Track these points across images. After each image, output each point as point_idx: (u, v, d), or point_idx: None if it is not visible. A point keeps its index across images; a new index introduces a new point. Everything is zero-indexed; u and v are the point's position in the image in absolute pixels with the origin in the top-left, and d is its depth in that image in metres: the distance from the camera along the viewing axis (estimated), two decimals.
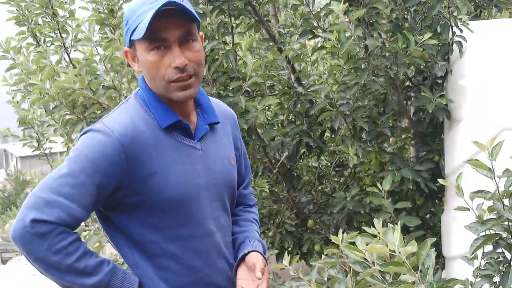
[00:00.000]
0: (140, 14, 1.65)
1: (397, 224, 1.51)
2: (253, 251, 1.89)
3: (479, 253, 1.95)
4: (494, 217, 1.79)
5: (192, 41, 1.71)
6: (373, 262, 1.51)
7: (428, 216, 3.75)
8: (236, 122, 2.05)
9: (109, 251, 3.89)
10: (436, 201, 3.69)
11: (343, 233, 1.82)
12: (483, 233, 1.82)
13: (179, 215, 1.76)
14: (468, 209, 1.97)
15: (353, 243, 1.58)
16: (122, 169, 1.66)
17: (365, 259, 1.52)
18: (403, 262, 1.41)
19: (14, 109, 4.39)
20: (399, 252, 1.42)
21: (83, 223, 3.64)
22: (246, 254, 1.88)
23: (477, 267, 1.97)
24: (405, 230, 3.41)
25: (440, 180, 2.15)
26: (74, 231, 1.66)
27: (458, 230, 3.00)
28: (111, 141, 1.65)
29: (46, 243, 1.57)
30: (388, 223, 1.55)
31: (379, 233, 1.53)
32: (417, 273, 1.41)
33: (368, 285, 1.58)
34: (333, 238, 1.76)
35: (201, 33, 1.78)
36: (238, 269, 1.88)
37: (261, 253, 1.89)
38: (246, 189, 2.13)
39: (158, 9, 1.60)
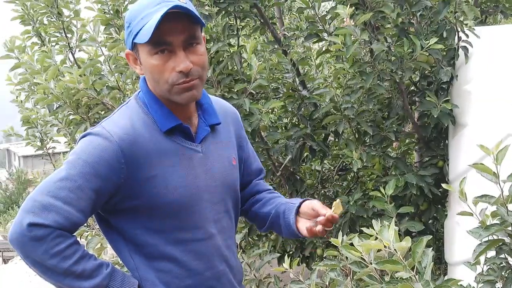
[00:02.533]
0: (144, 17, 1.63)
1: (399, 229, 1.49)
2: (302, 202, 1.87)
3: (482, 258, 1.94)
4: (498, 222, 1.78)
5: (196, 44, 1.68)
6: (371, 262, 1.50)
7: (431, 221, 3.74)
8: (239, 120, 2.03)
9: (110, 252, 3.89)
10: (439, 206, 3.68)
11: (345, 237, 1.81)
12: (486, 239, 1.81)
13: (180, 218, 1.74)
14: (471, 214, 1.95)
15: (352, 245, 1.57)
16: (121, 174, 1.64)
17: (362, 259, 1.51)
18: (400, 260, 1.40)
19: (18, 109, 4.39)
20: (394, 249, 1.41)
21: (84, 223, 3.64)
22: (298, 209, 1.86)
23: (479, 273, 1.96)
24: (407, 235, 3.39)
25: (444, 185, 2.14)
26: (73, 234, 1.65)
27: (461, 236, 2.98)
28: (110, 145, 1.63)
29: (43, 246, 1.56)
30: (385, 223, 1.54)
31: (376, 233, 1.52)
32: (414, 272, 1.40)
33: (366, 285, 1.57)
34: (333, 240, 1.75)
35: (203, 34, 1.76)
36: (298, 225, 1.84)
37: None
38: (262, 180, 2.12)
39: (164, 13, 1.57)
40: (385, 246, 1.42)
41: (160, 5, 1.60)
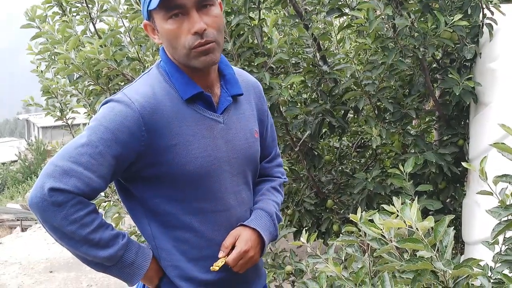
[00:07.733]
0: None
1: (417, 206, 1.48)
2: (240, 225, 1.84)
3: (501, 238, 1.92)
4: None
5: (210, 6, 1.67)
6: (391, 240, 1.48)
7: (449, 200, 3.72)
8: (261, 92, 2.01)
9: (128, 223, 3.91)
10: (458, 185, 3.65)
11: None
12: (505, 218, 1.79)
13: (199, 188, 1.74)
14: (491, 193, 1.93)
15: (371, 221, 1.56)
16: (141, 141, 1.64)
17: (383, 236, 1.50)
18: (421, 239, 1.38)
19: (38, 79, 4.40)
20: (416, 228, 1.39)
21: (102, 194, 3.67)
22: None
23: (497, 252, 1.95)
24: (425, 213, 3.38)
25: (464, 164, 2.11)
26: (92, 201, 1.65)
27: (480, 215, 2.96)
28: (131, 112, 1.63)
29: (63, 212, 1.57)
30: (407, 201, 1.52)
31: (397, 210, 1.50)
32: (435, 251, 1.39)
33: (385, 262, 1.56)
34: (352, 216, 1.74)
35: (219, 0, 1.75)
36: None
37: (247, 226, 1.84)
38: (270, 162, 2.09)
39: None
40: (408, 226, 1.41)
41: None
